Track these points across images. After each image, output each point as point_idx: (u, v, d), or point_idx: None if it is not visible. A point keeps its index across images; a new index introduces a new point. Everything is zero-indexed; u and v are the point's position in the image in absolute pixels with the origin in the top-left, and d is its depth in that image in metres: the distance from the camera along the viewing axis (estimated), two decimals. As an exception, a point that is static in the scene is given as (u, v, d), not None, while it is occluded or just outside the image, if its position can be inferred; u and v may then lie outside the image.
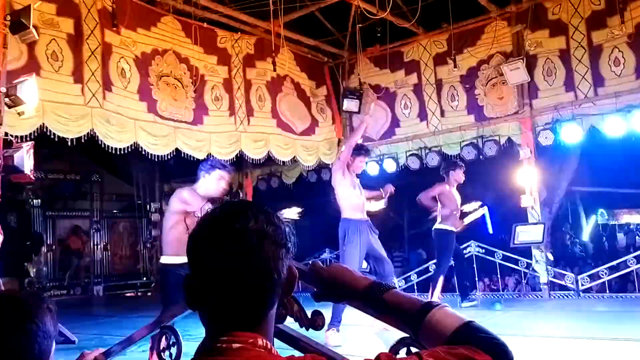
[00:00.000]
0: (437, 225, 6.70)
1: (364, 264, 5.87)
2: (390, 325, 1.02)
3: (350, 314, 4.71)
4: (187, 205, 4.07)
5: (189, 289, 0.92)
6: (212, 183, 4.16)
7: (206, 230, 0.93)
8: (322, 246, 9.66)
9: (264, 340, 0.90)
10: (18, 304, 1.12)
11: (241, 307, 0.90)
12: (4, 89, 3.12)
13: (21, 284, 11.70)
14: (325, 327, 1.59)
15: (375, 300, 1.01)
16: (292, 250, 0.97)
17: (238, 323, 0.90)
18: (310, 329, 1.15)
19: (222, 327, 0.90)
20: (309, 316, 1.15)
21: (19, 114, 3.28)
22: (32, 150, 3.28)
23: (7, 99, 3.12)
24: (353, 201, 5.42)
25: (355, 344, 5.01)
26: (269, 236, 0.92)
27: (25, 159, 3.20)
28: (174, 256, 4.00)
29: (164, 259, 4.12)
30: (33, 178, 3.41)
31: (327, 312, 2.37)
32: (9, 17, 3.18)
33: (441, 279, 6.65)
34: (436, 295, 6.56)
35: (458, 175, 6.69)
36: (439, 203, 6.71)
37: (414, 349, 1.06)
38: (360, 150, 5.66)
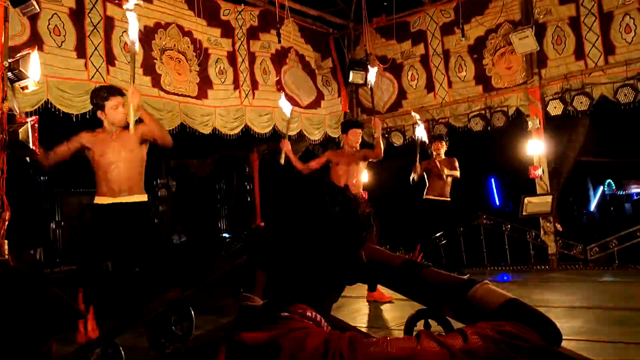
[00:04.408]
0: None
1: None
2: (423, 304, 1.01)
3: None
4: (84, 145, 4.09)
5: (261, 247, 0.98)
6: (114, 113, 4.11)
7: (281, 202, 0.97)
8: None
9: (314, 313, 0.91)
10: (27, 278, 1.11)
11: (298, 281, 0.94)
12: (6, 63, 3.08)
13: (32, 259, 11.86)
14: None
15: (413, 278, 0.99)
16: (367, 236, 0.98)
17: (293, 294, 0.93)
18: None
19: (279, 294, 0.94)
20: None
21: (22, 88, 3.24)
22: (36, 125, 3.25)
23: (10, 73, 3.07)
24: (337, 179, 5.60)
25: (366, 318, 5.03)
26: (334, 219, 0.93)
27: (30, 133, 3.17)
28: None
29: None
30: (39, 152, 3.39)
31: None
32: (9, -11, 3.13)
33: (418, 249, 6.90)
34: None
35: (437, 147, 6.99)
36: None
37: (432, 322, 1.04)
38: (352, 123, 6.01)
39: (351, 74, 8.77)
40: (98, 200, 4.12)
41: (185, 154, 11.53)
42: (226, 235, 12.94)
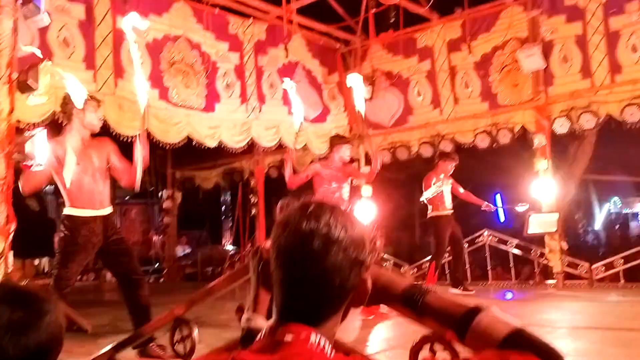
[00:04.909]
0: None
1: None
2: (430, 328, 1.00)
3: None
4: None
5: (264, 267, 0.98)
6: (91, 116, 4.01)
7: (281, 223, 0.97)
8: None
9: (319, 337, 0.90)
10: (29, 298, 1.10)
11: (302, 303, 0.93)
12: (15, 75, 3.10)
13: (35, 268, 11.89)
14: None
15: (416, 303, 0.98)
16: (371, 259, 0.97)
17: (297, 316, 0.92)
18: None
19: (283, 315, 0.93)
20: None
21: (31, 99, 3.27)
22: (44, 138, 3.27)
23: (18, 84, 3.10)
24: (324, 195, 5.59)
25: (366, 337, 4.99)
26: (337, 243, 0.91)
27: (37, 146, 3.19)
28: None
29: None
30: (45, 166, 3.40)
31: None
32: (20, 1, 3.16)
33: (434, 264, 6.89)
34: (427, 280, 6.79)
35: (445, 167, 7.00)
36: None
37: (438, 346, 1.03)
38: (339, 138, 6.06)
39: (358, 88, 8.78)
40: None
41: (191, 166, 11.58)
42: (230, 247, 12.94)
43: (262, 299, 1.15)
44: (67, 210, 3.92)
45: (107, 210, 4.05)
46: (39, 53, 3.69)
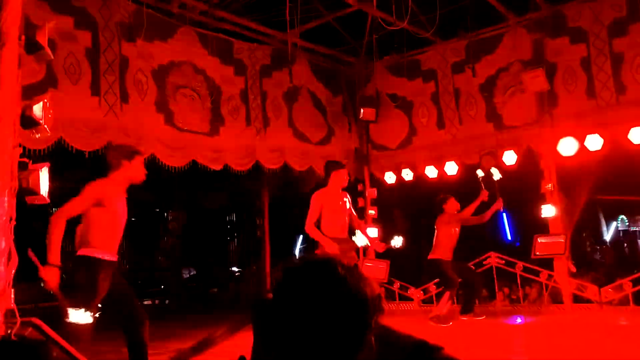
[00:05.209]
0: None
1: None
2: None
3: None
4: (102, 196, 3.95)
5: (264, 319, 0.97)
6: (136, 169, 4.14)
7: (289, 278, 0.96)
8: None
9: None
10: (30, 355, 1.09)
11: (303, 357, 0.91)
12: (19, 110, 3.12)
13: (41, 290, 11.88)
14: None
15: None
16: (376, 319, 0.95)
17: None
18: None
19: None
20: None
21: (34, 133, 3.29)
22: (47, 173, 3.28)
23: (22, 119, 3.12)
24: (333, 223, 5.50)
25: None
26: (340, 304, 0.89)
27: (40, 181, 3.20)
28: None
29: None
30: (48, 200, 3.40)
31: None
32: (23, 37, 3.18)
33: (447, 294, 6.81)
34: (441, 306, 6.72)
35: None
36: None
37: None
38: (336, 164, 5.83)
39: (362, 110, 8.82)
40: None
41: (197, 187, 11.59)
42: (235, 269, 12.90)
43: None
44: (91, 252, 3.92)
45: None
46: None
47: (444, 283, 7.11)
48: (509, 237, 13.40)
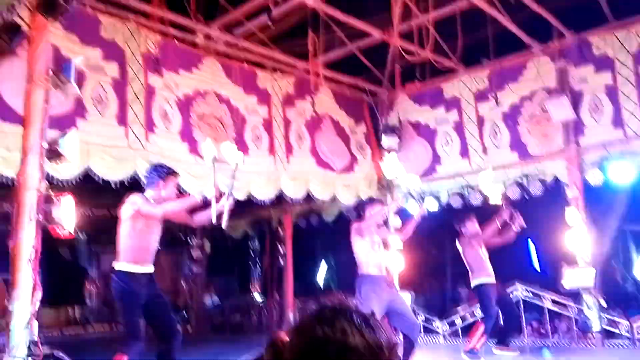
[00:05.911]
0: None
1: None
2: None
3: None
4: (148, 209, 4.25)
5: None
6: (170, 189, 4.44)
7: (296, 329, 0.96)
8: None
9: None
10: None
11: None
12: (46, 145, 3.19)
13: (66, 316, 11.99)
14: None
15: None
16: None
17: None
18: None
19: None
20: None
21: (58, 165, 3.37)
22: (72, 203, 3.33)
23: (48, 153, 3.18)
24: (370, 257, 5.41)
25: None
26: (353, 351, 0.88)
27: (64, 214, 3.24)
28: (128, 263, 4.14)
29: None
30: (73, 234, 3.46)
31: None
32: (51, 73, 3.27)
33: (481, 328, 6.54)
34: (474, 341, 6.46)
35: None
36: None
37: None
38: (374, 202, 5.83)
39: (384, 138, 8.81)
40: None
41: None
42: (258, 296, 12.84)
43: None
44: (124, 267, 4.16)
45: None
46: None
47: (484, 312, 6.79)
48: (538, 269, 13.12)
